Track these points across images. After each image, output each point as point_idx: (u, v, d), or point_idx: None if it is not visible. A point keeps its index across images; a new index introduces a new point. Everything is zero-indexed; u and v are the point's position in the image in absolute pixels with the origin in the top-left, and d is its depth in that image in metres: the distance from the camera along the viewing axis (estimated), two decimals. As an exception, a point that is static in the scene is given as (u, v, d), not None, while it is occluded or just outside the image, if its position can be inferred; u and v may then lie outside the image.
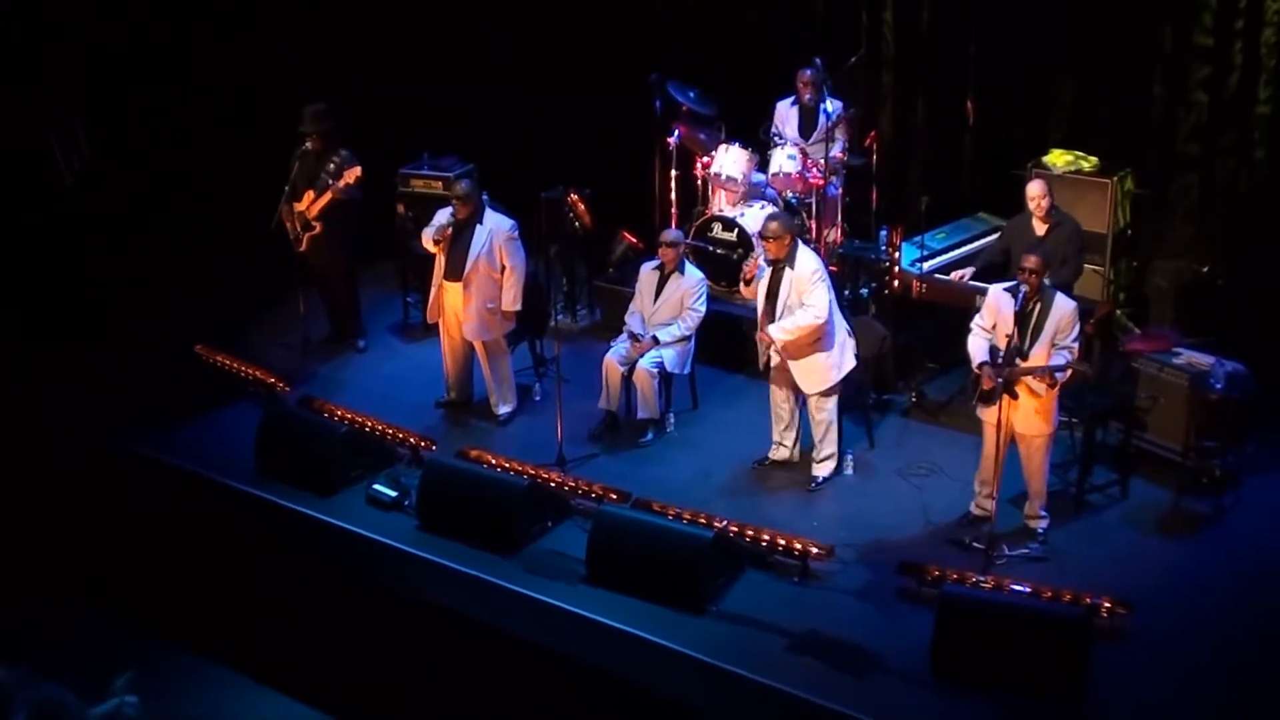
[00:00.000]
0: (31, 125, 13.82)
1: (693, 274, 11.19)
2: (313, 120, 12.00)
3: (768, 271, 10.25)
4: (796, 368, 10.25)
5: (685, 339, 11.05)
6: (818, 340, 10.14)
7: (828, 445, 10.44)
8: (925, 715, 8.31)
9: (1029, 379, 9.18)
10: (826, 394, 10.31)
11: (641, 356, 10.92)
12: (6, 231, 13.35)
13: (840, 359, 10.30)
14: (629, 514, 9.71)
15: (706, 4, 13.85)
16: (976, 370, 9.44)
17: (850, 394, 10.67)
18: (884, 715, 8.15)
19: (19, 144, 13.72)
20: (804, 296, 10.04)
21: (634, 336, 11.05)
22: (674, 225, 12.94)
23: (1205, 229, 11.95)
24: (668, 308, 11.06)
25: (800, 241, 10.31)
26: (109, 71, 14.13)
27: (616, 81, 13.38)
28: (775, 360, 10.37)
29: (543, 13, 14.50)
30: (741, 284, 10.61)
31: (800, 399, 10.46)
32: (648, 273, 11.26)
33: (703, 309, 11.09)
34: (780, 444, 10.65)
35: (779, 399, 10.53)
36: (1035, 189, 10.79)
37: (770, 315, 10.21)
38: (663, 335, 10.97)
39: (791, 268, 10.10)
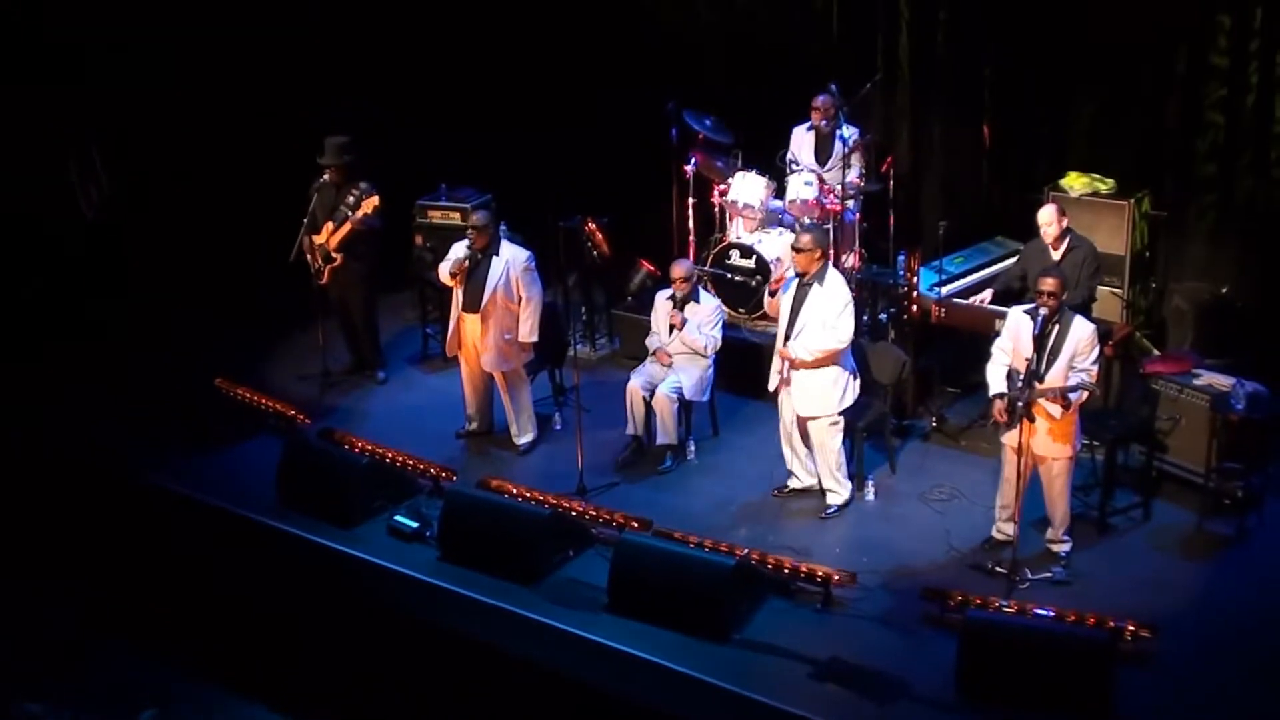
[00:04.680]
0: (51, 156, 13.90)
1: (708, 301, 11.20)
2: (333, 153, 12.05)
3: (793, 286, 10.21)
4: (796, 386, 10.16)
5: (702, 356, 11.06)
6: (829, 365, 10.09)
7: (833, 476, 10.37)
8: (950, 741, 8.30)
9: (1044, 401, 9.16)
10: (829, 425, 10.24)
11: (667, 368, 10.99)
12: (27, 264, 13.41)
13: (842, 393, 10.19)
14: (651, 542, 9.69)
15: (722, 31, 13.89)
16: (990, 401, 9.44)
17: (872, 419, 10.67)
18: (909, 742, 8.15)
19: (39, 176, 13.79)
20: (831, 320, 10.00)
21: (663, 354, 11.11)
22: (692, 252, 12.98)
23: (1223, 250, 11.94)
24: (688, 330, 11.05)
25: (831, 265, 10.26)
26: (128, 103, 14.21)
27: (633, 109, 13.43)
28: (779, 382, 10.31)
29: (558, 42, 14.56)
30: (767, 294, 10.56)
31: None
32: (662, 302, 11.27)
33: (719, 336, 11.10)
34: (795, 472, 10.62)
35: (788, 425, 10.47)
36: (1044, 216, 10.76)
37: (789, 331, 10.18)
38: (691, 327, 10.98)
39: (820, 285, 10.05)
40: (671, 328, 11.10)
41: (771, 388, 10.43)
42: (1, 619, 10.73)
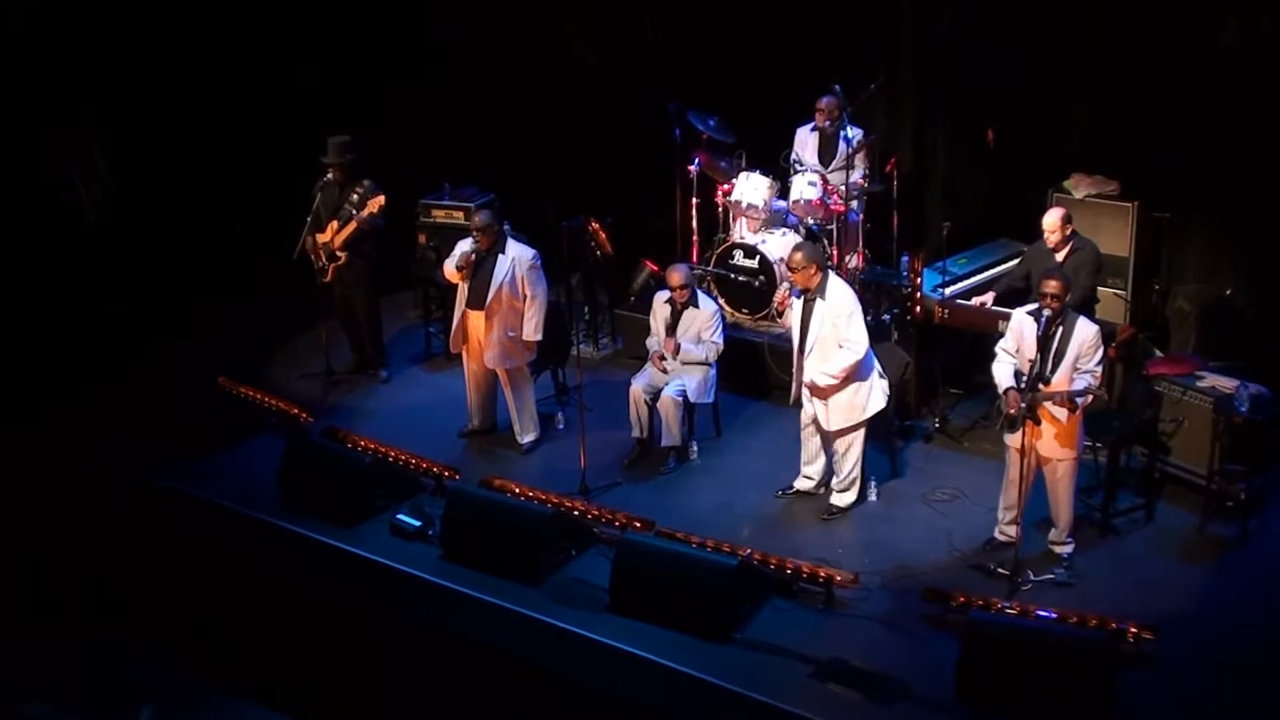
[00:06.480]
0: (52, 160, 13.89)
1: (707, 306, 11.17)
2: (335, 151, 12.05)
3: (799, 301, 10.20)
4: (820, 404, 10.20)
5: (705, 364, 11.05)
6: (848, 377, 10.09)
7: (847, 476, 10.39)
8: (951, 742, 8.29)
9: (1050, 404, 9.16)
10: (850, 429, 10.27)
11: (666, 374, 10.97)
12: (29, 267, 13.41)
13: (867, 400, 10.20)
14: (653, 542, 9.68)
15: (726, 30, 13.88)
16: (1002, 395, 9.42)
17: (875, 421, 10.66)
18: (910, 742, 8.14)
19: (40, 179, 13.78)
20: (840, 332, 9.97)
21: (658, 358, 11.08)
22: (695, 253, 12.99)
23: (1227, 252, 11.92)
24: (685, 341, 11.05)
25: (831, 272, 10.23)
26: (128, 104, 14.20)
27: (637, 111, 13.43)
28: (799, 391, 10.35)
29: (561, 44, 14.57)
30: (775, 314, 10.52)
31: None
32: (660, 304, 11.27)
33: (720, 341, 11.09)
34: (806, 475, 10.61)
35: (808, 430, 10.49)
36: (1049, 221, 10.74)
37: (802, 347, 10.17)
38: (685, 345, 10.97)
39: (823, 298, 10.02)
40: (673, 328, 11.08)
41: (793, 401, 10.43)
42: (1, 619, 10.72)
